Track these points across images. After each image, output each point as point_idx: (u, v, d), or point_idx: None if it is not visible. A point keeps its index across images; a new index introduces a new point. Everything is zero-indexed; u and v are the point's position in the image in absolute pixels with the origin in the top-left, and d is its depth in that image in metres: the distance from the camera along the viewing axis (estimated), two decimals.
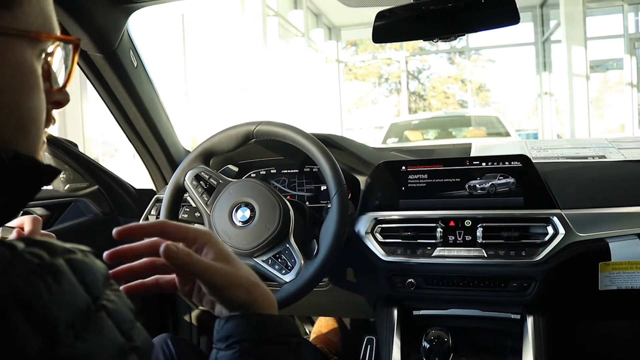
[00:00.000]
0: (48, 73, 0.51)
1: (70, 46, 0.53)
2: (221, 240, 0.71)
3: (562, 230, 1.18)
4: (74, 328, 0.37)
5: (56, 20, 0.52)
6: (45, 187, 1.55)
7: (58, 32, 0.52)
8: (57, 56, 0.52)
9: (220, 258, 0.61)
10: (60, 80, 0.54)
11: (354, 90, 15.23)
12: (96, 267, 0.43)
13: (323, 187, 1.52)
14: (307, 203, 1.51)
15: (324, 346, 1.82)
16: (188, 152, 1.63)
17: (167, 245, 0.56)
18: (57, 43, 0.51)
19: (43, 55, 0.50)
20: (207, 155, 1.32)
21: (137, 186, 1.77)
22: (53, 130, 1.58)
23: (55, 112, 0.55)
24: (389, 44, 13.75)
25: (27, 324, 0.34)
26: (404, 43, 13.45)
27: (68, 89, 0.55)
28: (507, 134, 6.90)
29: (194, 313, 1.86)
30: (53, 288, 0.37)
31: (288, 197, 1.52)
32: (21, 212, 1.44)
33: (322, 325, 1.97)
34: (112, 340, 0.40)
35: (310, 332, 2.05)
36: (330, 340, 1.89)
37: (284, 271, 1.18)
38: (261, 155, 1.59)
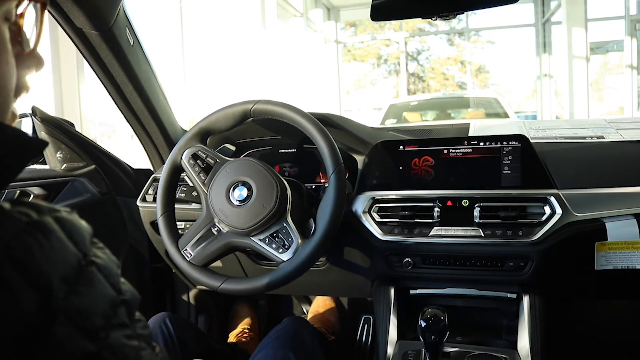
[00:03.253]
0: (18, 35, 0.49)
1: (38, 6, 0.50)
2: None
3: (559, 210, 1.18)
4: (68, 282, 0.38)
5: None
6: (42, 167, 1.55)
7: None
8: (30, 17, 0.50)
9: None
10: (33, 44, 0.51)
11: (353, 71, 15.15)
12: (82, 225, 0.44)
13: (320, 167, 1.52)
14: (304, 182, 1.51)
15: (321, 326, 1.83)
16: (185, 131, 1.63)
17: None
18: (24, 3, 0.48)
19: (10, 16, 0.47)
20: (204, 134, 1.31)
21: (135, 167, 1.77)
22: (50, 110, 1.57)
23: (29, 78, 0.52)
24: (388, 25, 13.68)
25: (22, 281, 0.35)
26: (403, 24, 13.38)
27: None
28: (506, 115, 6.88)
29: (192, 292, 1.87)
30: (44, 245, 0.38)
31: (285, 176, 1.51)
32: (18, 191, 1.44)
33: (320, 304, 1.98)
34: (104, 293, 0.41)
35: (307, 312, 2.06)
36: (327, 320, 1.90)
37: (281, 250, 1.18)
38: (258, 135, 1.59)
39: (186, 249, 1.26)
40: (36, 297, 0.35)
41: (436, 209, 1.27)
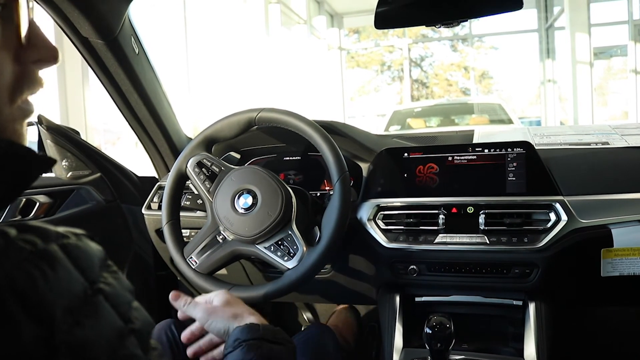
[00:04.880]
0: (14, 28, 0.46)
1: None
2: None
3: (564, 217, 1.18)
4: (72, 314, 0.37)
5: None
6: (47, 175, 1.55)
7: None
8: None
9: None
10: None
11: (357, 77, 15.20)
12: (91, 251, 0.43)
13: (325, 174, 1.52)
14: (309, 190, 1.51)
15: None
16: (190, 139, 1.63)
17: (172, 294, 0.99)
18: None
19: None
20: (209, 142, 1.32)
21: (140, 174, 1.77)
22: (55, 118, 1.58)
23: (42, 73, 0.50)
24: (391, 31, 13.70)
25: (23, 313, 0.34)
26: (407, 30, 13.41)
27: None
28: (510, 122, 6.86)
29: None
30: (48, 275, 0.37)
31: (290, 183, 1.52)
32: (24, 199, 1.44)
33: (340, 318, 1.87)
34: (111, 324, 0.40)
35: (308, 319, 2.05)
36: (344, 338, 1.81)
37: (286, 258, 1.18)
38: (263, 142, 1.59)
39: (191, 257, 1.26)
40: (38, 329, 0.34)
41: (441, 216, 1.26)
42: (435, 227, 1.27)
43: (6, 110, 0.46)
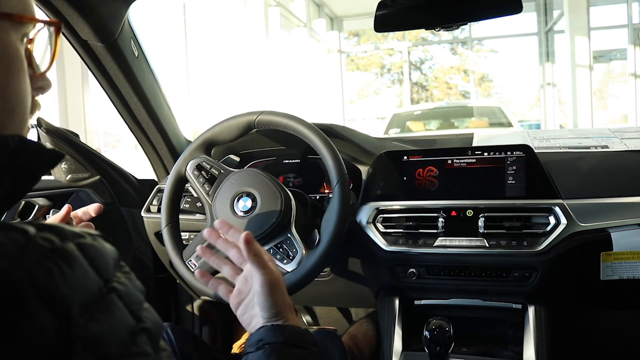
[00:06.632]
0: (30, 58, 0.53)
1: (53, 29, 0.55)
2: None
3: (564, 220, 1.18)
4: (87, 309, 0.38)
5: (34, 6, 0.53)
6: (47, 177, 1.55)
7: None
8: (41, 41, 0.54)
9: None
10: (44, 66, 0.56)
11: (356, 80, 15.20)
12: (106, 251, 0.45)
13: (325, 177, 1.52)
14: (308, 193, 1.51)
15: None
16: (189, 142, 1.63)
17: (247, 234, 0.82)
18: (38, 28, 0.53)
19: (25, 40, 0.51)
20: (208, 145, 1.31)
21: (139, 177, 1.77)
22: (54, 121, 1.58)
23: (39, 98, 0.56)
24: (391, 34, 13.72)
25: (43, 307, 0.35)
26: (406, 33, 13.42)
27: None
28: (510, 125, 6.88)
29: (196, 303, 1.86)
30: (66, 271, 0.38)
31: (289, 186, 1.51)
32: (23, 202, 1.44)
33: (360, 331, 1.82)
34: (123, 321, 0.41)
35: (307, 322, 2.04)
36: (360, 349, 1.74)
37: (285, 261, 1.18)
38: (263, 145, 1.59)
39: (190, 260, 1.26)
40: (56, 323, 0.36)
41: (440, 220, 1.26)
42: (435, 231, 1.27)
43: (28, 127, 0.53)
